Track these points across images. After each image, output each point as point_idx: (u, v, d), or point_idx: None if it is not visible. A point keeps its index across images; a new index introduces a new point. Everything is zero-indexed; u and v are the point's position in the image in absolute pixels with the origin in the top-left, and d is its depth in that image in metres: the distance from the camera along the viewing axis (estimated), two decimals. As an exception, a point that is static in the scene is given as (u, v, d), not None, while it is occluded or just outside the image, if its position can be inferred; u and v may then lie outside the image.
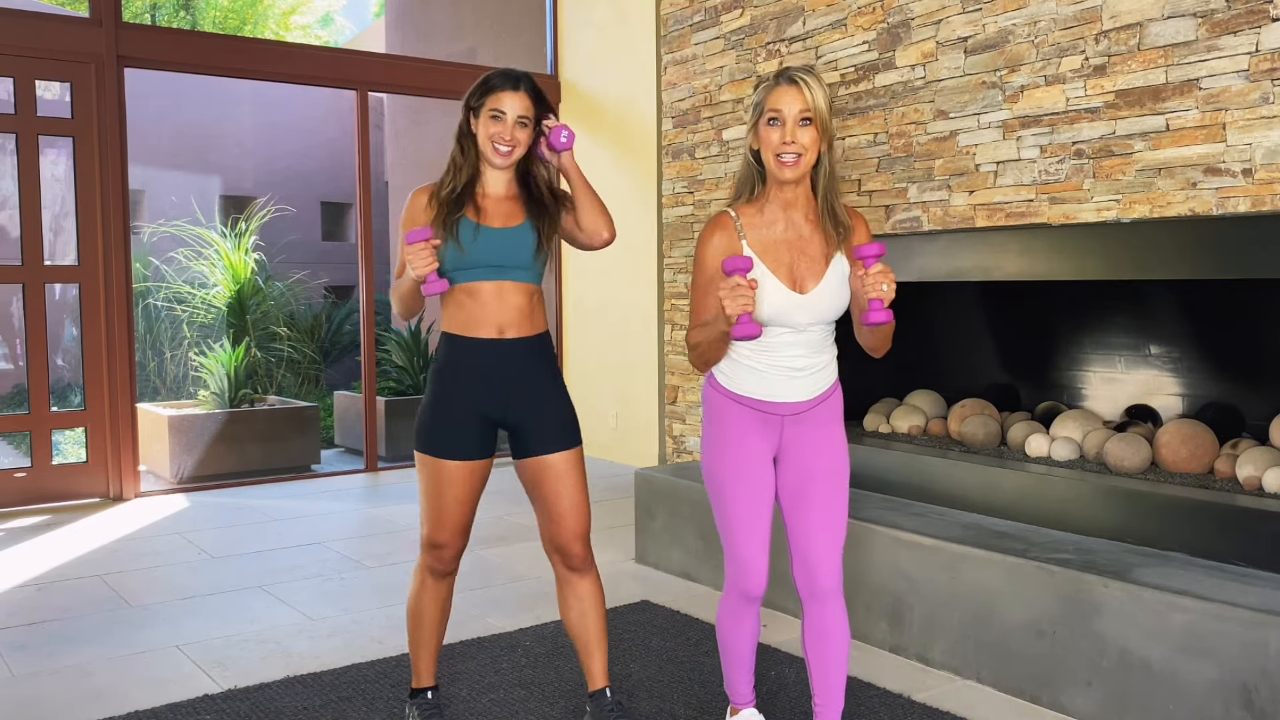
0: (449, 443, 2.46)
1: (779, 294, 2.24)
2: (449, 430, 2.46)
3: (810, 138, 2.20)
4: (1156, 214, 3.28)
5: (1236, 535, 2.90)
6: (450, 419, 2.46)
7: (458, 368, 2.48)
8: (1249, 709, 2.46)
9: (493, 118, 2.43)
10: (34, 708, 2.94)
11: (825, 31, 4.57)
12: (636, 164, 6.44)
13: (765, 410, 2.33)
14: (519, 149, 2.47)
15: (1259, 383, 3.50)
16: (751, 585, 2.36)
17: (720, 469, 2.36)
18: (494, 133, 2.43)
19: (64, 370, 11.73)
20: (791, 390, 2.32)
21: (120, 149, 5.69)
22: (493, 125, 2.43)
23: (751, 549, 2.34)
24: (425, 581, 2.60)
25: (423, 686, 2.71)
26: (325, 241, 16.61)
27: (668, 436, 6.19)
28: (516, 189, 2.55)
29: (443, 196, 2.46)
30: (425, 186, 2.53)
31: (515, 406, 2.49)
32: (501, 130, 2.43)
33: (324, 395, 11.07)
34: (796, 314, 2.26)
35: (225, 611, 3.80)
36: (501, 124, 2.43)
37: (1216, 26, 3.12)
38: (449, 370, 2.49)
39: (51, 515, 5.39)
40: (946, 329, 4.58)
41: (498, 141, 2.44)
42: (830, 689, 2.37)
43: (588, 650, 2.62)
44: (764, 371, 2.31)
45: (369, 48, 14.79)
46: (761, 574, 2.36)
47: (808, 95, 2.19)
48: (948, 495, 3.66)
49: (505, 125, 2.43)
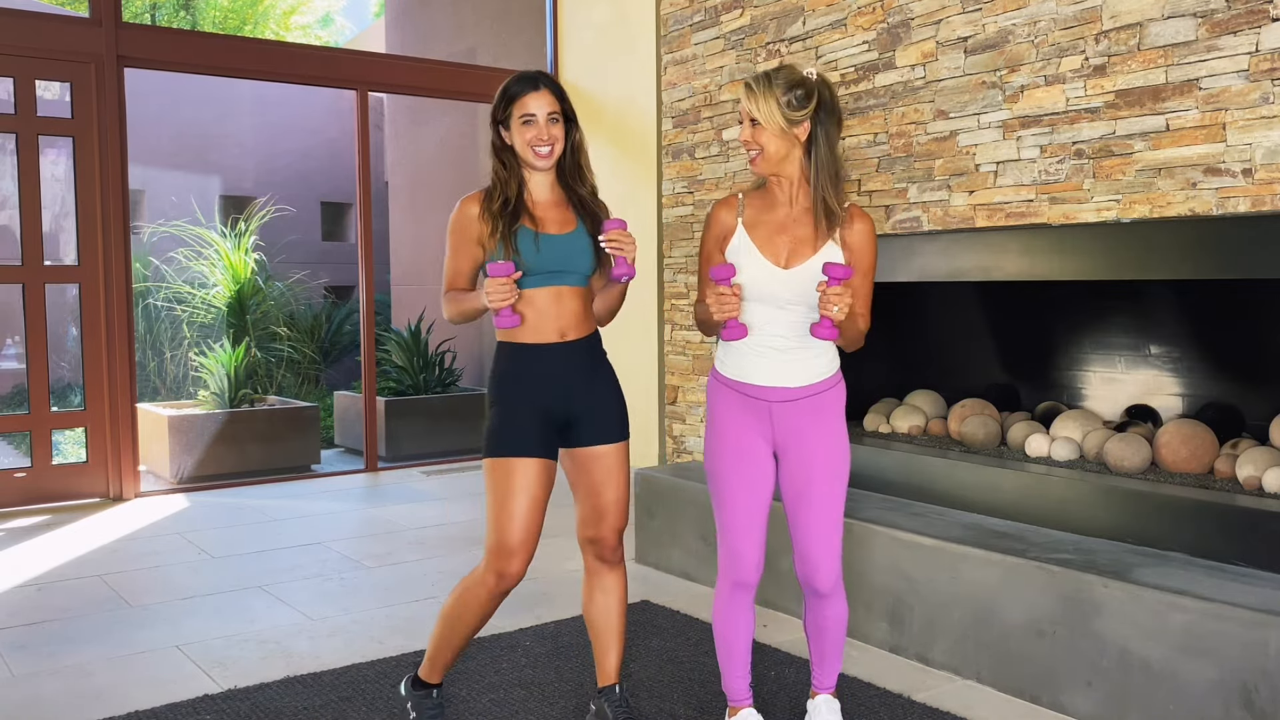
0: (520, 443, 2.45)
1: (760, 267, 2.39)
2: (519, 432, 2.46)
3: (764, 137, 2.37)
4: (1156, 214, 3.28)
5: (1236, 535, 2.90)
6: (518, 423, 2.47)
7: (522, 374, 2.49)
8: (1249, 709, 2.46)
9: (525, 123, 2.45)
10: (34, 708, 2.94)
11: (825, 31, 4.56)
12: (636, 164, 6.44)
13: (754, 395, 2.43)
14: (558, 145, 2.49)
15: (1259, 383, 3.50)
16: (741, 572, 2.44)
17: (713, 455, 2.47)
18: (530, 138, 2.45)
19: (64, 370, 11.73)
20: (778, 374, 2.41)
21: (120, 149, 5.69)
22: (527, 131, 2.45)
23: (740, 535, 2.43)
24: (479, 595, 2.49)
25: (433, 682, 2.68)
26: (325, 241, 16.59)
27: (668, 436, 6.19)
28: (561, 193, 2.57)
29: (495, 209, 2.47)
30: (474, 195, 2.54)
31: (576, 403, 2.52)
32: (538, 133, 2.45)
33: (324, 395, 11.07)
34: (777, 288, 2.39)
35: (225, 611, 3.80)
36: (535, 126, 2.45)
37: (1216, 26, 3.12)
38: (512, 377, 2.50)
39: (51, 515, 5.39)
40: (946, 329, 4.58)
41: (536, 145, 2.46)
42: (829, 658, 2.60)
43: (605, 644, 2.63)
44: (749, 351, 2.43)
45: (369, 48, 14.78)
46: (750, 562, 2.44)
47: (748, 101, 2.37)
48: (948, 495, 3.66)
49: (539, 126, 2.45)
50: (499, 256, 2.44)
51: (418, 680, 2.71)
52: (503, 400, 2.50)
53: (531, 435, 2.45)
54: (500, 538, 2.43)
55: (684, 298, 5.95)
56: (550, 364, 2.49)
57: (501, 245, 2.45)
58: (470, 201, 2.53)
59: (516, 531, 2.43)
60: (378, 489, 6.18)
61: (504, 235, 2.44)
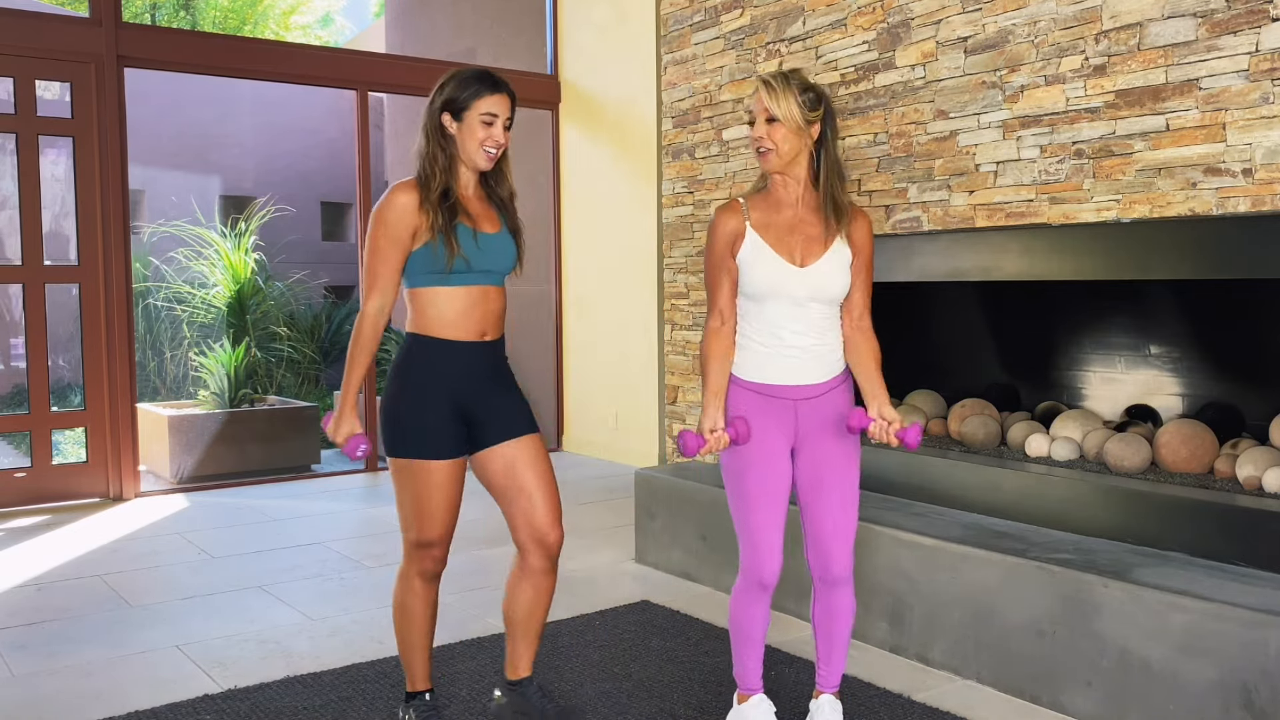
0: (434, 444, 2.44)
1: (777, 266, 2.42)
2: (432, 432, 2.44)
3: (780, 134, 2.40)
4: (1156, 214, 3.28)
5: (1236, 535, 2.90)
6: (430, 421, 2.44)
7: (437, 371, 2.45)
8: (1249, 709, 2.46)
9: (485, 123, 2.43)
10: (34, 708, 2.94)
11: (825, 31, 4.56)
12: (636, 164, 6.44)
13: (777, 395, 2.44)
14: (500, 151, 2.49)
15: (1259, 383, 3.50)
16: (767, 573, 2.46)
17: (737, 458, 2.47)
18: (484, 137, 2.43)
19: (64, 370, 11.73)
20: (801, 372, 2.45)
21: (120, 149, 5.69)
22: (483, 130, 2.43)
23: (766, 537, 2.45)
24: (414, 586, 2.56)
25: (418, 690, 2.67)
26: (325, 241, 16.59)
27: (668, 437, 6.18)
28: (482, 190, 2.55)
29: (435, 199, 2.40)
30: (407, 183, 2.44)
31: (487, 403, 2.51)
32: (494, 135, 2.44)
33: (324, 395, 11.08)
34: (794, 285, 2.42)
35: (225, 611, 3.80)
36: (494, 129, 2.44)
37: (1216, 26, 3.12)
38: (425, 371, 2.45)
39: (51, 515, 5.39)
40: (946, 329, 4.58)
41: (488, 145, 2.44)
42: (835, 655, 2.60)
43: (527, 638, 2.63)
44: (772, 351, 2.44)
45: (369, 48, 14.77)
46: (777, 562, 2.47)
47: (769, 98, 2.40)
48: (948, 495, 3.66)
49: (497, 129, 2.44)
50: (438, 251, 2.37)
51: (409, 694, 2.69)
52: (416, 396, 2.44)
53: (446, 435, 2.45)
54: (420, 533, 2.49)
55: (684, 297, 5.95)
56: (469, 362, 2.47)
57: (441, 239, 2.38)
58: (405, 190, 2.40)
59: (437, 528, 2.49)
60: (378, 489, 6.19)
61: (445, 229, 2.38)
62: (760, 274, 2.41)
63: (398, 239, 2.39)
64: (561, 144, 7.22)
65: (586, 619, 3.64)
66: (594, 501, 5.62)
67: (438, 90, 2.46)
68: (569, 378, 7.31)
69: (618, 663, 3.22)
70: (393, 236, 2.39)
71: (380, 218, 2.40)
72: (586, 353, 7.09)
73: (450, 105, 2.44)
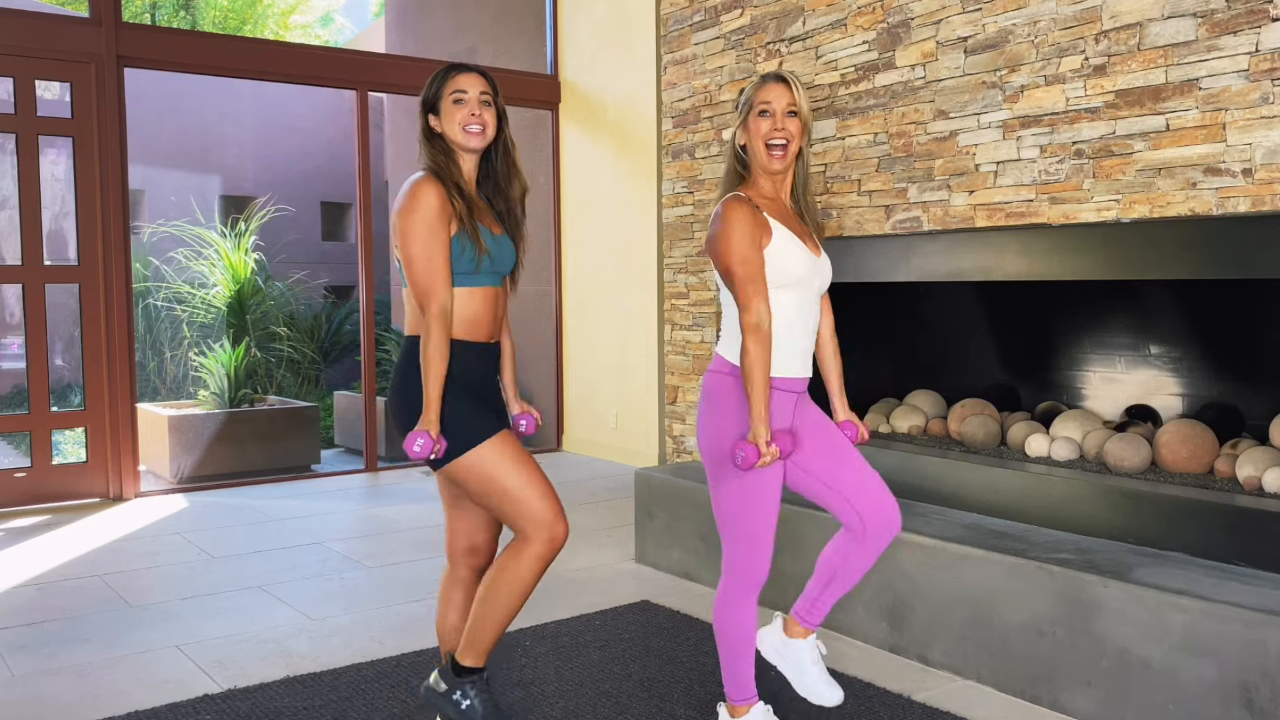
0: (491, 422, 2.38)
1: (805, 257, 2.42)
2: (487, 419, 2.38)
3: (796, 128, 2.39)
4: (1156, 214, 3.28)
5: (1236, 535, 2.90)
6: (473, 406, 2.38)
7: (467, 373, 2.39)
8: (1249, 709, 2.46)
9: (456, 102, 2.38)
10: (34, 708, 2.94)
11: (825, 31, 4.57)
12: (636, 164, 6.44)
13: (787, 389, 2.43)
14: (489, 128, 2.41)
15: (1259, 383, 3.50)
16: (763, 574, 2.47)
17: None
18: (461, 116, 2.37)
19: (64, 370, 11.73)
20: (805, 364, 2.48)
21: (120, 149, 5.70)
22: (458, 111, 2.37)
23: (769, 538, 2.45)
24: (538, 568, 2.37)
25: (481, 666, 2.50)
26: (325, 241, 16.59)
27: (668, 436, 6.19)
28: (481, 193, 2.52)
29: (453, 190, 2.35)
30: (428, 179, 2.35)
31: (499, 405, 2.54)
32: (470, 109, 2.37)
33: (324, 395, 11.08)
34: (815, 277, 2.45)
35: (225, 611, 3.80)
36: (467, 105, 2.38)
37: (1216, 26, 3.12)
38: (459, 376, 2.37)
39: (51, 515, 5.39)
40: (946, 329, 4.58)
41: (468, 124, 2.38)
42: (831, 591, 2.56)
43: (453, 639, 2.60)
44: (784, 343, 2.40)
45: (369, 48, 14.79)
46: (769, 563, 2.48)
47: (793, 91, 2.39)
48: (948, 495, 3.66)
49: (471, 103, 2.38)
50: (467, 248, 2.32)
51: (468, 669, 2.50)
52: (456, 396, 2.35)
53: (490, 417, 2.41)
54: (542, 505, 2.33)
55: (684, 297, 5.95)
56: (485, 364, 2.46)
57: (468, 237, 2.32)
58: (433, 186, 2.32)
59: (550, 493, 2.36)
60: (378, 489, 6.19)
61: (470, 226, 2.33)
62: (792, 263, 2.37)
63: (442, 232, 2.30)
64: (561, 144, 7.22)
65: (586, 619, 3.64)
66: (594, 501, 5.62)
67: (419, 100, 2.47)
68: (569, 378, 7.31)
69: (618, 663, 3.22)
70: (438, 230, 2.30)
71: (419, 216, 2.29)
72: (586, 353, 7.09)
73: (427, 105, 2.43)
